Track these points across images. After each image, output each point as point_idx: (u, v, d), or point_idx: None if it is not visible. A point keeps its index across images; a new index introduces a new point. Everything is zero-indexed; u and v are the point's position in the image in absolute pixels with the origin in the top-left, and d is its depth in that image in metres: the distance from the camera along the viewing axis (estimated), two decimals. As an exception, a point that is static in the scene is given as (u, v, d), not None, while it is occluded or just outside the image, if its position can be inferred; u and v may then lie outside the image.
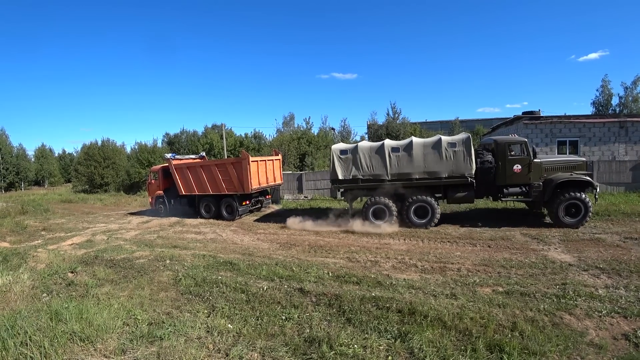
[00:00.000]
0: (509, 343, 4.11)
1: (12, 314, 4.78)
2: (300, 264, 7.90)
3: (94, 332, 4.13)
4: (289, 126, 46.76)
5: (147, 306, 5.88)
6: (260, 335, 4.61)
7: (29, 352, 3.66)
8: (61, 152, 71.33)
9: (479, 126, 46.36)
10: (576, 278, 6.64)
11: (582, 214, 10.83)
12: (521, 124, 21.01)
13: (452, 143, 11.69)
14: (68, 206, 28.80)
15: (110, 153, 40.32)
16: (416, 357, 3.94)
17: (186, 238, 12.46)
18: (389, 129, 35.70)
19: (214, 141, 39.23)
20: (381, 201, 12.27)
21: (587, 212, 10.80)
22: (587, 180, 11.05)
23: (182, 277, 7.40)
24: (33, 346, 3.73)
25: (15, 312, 4.90)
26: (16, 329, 4.09)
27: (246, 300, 5.98)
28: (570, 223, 10.89)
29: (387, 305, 5.27)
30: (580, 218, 10.86)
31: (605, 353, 4.13)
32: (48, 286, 7.00)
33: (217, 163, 16.63)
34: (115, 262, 9.18)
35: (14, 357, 3.63)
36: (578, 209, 10.85)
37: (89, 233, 14.50)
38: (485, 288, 6.15)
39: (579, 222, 10.87)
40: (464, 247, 9.37)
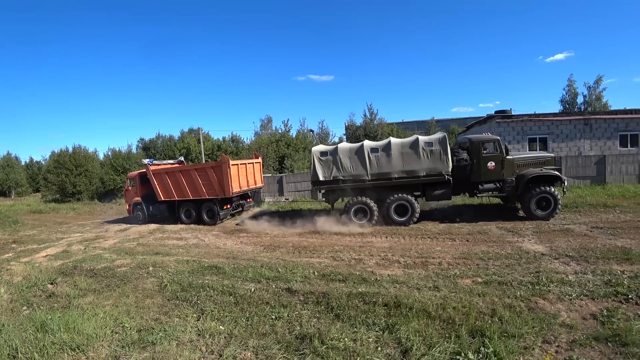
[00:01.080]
0: (489, 328, 4.36)
1: None
2: (286, 265, 7.99)
3: (84, 341, 4.09)
4: (267, 129, 46.61)
5: (134, 314, 5.83)
6: (251, 335, 4.68)
7: None
8: (28, 160, 68.10)
9: (454, 125, 47.65)
10: (548, 266, 7.04)
11: (552, 206, 11.42)
12: (494, 123, 21.87)
13: (429, 142, 12.06)
14: (39, 217, 27.64)
15: (82, 160, 38.84)
16: (404, 346, 4.13)
17: (168, 244, 12.28)
18: (366, 129, 36.22)
19: (191, 145, 38.66)
20: (362, 201, 12.55)
21: (557, 205, 11.39)
22: (556, 175, 11.63)
23: (168, 283, 7.33)
24: (23, 358, 3.67)
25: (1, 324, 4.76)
26: (1, 342, 4.00)
27: (234, 302, 6.02)
28: (541, 216, 11.44)
29: (374, 300, 5.45)
30: (550, 211, 11.44)
31: (576, 332, 4.43)
32: (27, 299, 6.79)
33: (197, 167, 16.42)
34: (95, 271, 8.97)
35: None
36: (548, 202, 11.43)
37: (64, 243, 14.03)
38: (465, 279, 6.43)
39: (549, 214, 11.44)
40: (444, 242, 9.70)
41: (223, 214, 15.83)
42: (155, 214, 17.65)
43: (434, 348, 3.99)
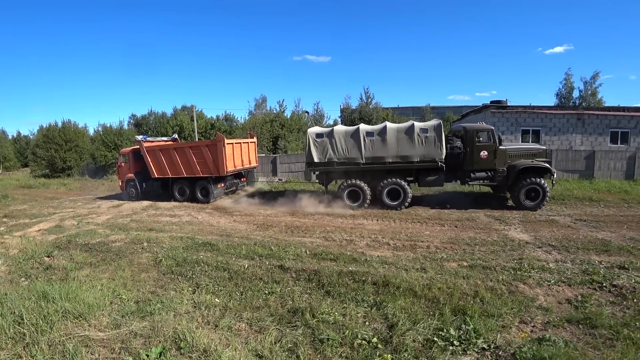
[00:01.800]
0: (471, 307, 4.64)
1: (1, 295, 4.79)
2: (279, 244, 8.21)
3: (86, 310, 4.25)
4: (261, 108, 46.23)
5: (130, 286, 6.00)
6: (245, 308, 4.91)
7: (25, 329, 3.75)
8: (16, 134, 66.80)
9: (450, 113, 47.72)
10: (531, 254, 7.34)
11: (540, 198, 11.74)
12: (489, 113, 22.04)
13: (424, 129, 12.21)
14: (28, 192, 27.38)
15: (72, 135, 38.16)
16: (390, 321, 4.38)
17: (161, 221, 12.39)
18: (362, 113, 36.16)
19: (184, 123, 38.25)
20: (355, 183, 12.75)
21: (545, 196, 11.72)
22: (546, 167, 11.90)
23: (163, 258, 7.50)
24: (29, 324, 3.82)
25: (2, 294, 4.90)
26: (5, 310, 4.15)
27: (229, 277, 6.24)
28: (529, 206, 11.76)
29: (363, 279, 5.71)
30: (538, 202, 11.77)
31: (551, 314, 4.73)
32: (25, 271, 6.91)
33: (192, 145, 16.40)
34: (90, 246, 9.10)
35: (10, 336, 3.71)
36: (537, 193, 11.74)
37: (57, 219, 14.04)
38: (451, 263, 6.71)
39: (537, 205, 11.77)
40: (433, 227, 9.98)
41: (217, 193, 15.89)
42: (149, 191, 17.64)
43: (418, 324, 4.25)
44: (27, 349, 3.49)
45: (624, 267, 6.32)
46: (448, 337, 3.99)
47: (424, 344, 3.91)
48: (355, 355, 3.69)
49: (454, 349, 3.78)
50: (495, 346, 3.85)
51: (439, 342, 3.89)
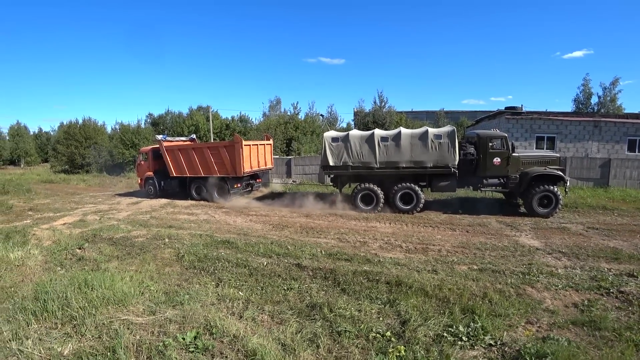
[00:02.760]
0: (479, 307, 4.90)
1: (42, 282, 5.26)
2: (295, 243, 8.55)
3: (123, 297, 4.67)
4: (275, 110, 46.76)
5: (156, 279, 6.40)
6: (267, 301, 5.26)
7: (74, 312, 4.18)
8: (37, 130, 68.80)
9: (464, 118, 47.45)
10: (541, 260, 7.51)
11: (553, 205, 11.80)
12: (503, 119, 22.01)
13: (437, 135, 12.42)
14: (50, 186, 28.36)
15: (91, 133, 39.37)
16: (403, 318, 4.67)
17: (179, 219, 12.86)
18: (375, 117, 36.30)
19: (200, 123, 38.95)
20: (369, 187, 13.02)
21: (558, 203, 11.78)
22: (559, 174, 11.96)
23: (185, 254, 7.91)
24: (76, 307, 4.25)
25: (45, 280, 5.37)
26: (53, 294, 4.59)
27: (249, 274, 6.60)
28: (542, 213, 11.84)
29: (377, 278, 6.01)
30: (551, 209, 11.83)
31: (557, 316, 4.95)
32: (60, 261, 7.43)
33: (210, 146, 16.91)
34: (115, 240, 9.58)
35: (59, 318, 4.15)
36: (550, 200, 11.80)
37: (80, 213, 14.65)
38: (462, 266, 6.95)
39: (549, 212, 11.84)
40: (445, 231, 10.20)
41: (233, 193, 16.32)
42: (167, 189, 18.19)
43: (429, 320, 4.54)
44: (76, 329, 3.90)
45: (633, 275, 6.45)
46: (457, 333, 4.26)
47: (435, 338, 4.19)
48: (371, 346, 4.00)
49: (462, 344, 4.06)
50: (502, 343, 4.11)
51: (448, 337, 4.17)
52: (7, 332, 3.90)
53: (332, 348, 3.97)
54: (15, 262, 6.81)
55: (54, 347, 3.63)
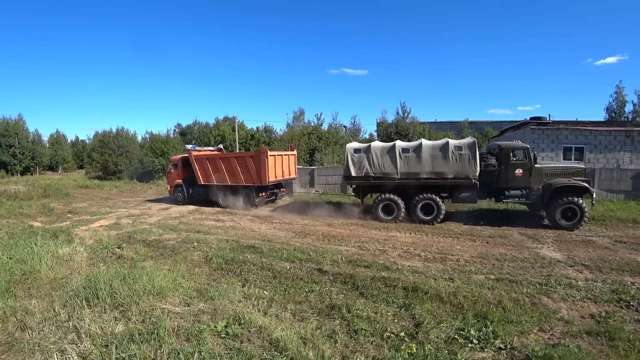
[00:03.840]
0: (492, 314, 5.08)
1: (92, 274, 5.90)
2: (316, 250, 8.91)
3: (161, 290, 5.19)
4: (299, 121, 47.71)
5: (187, 278, 6.90)
6: (289, 301, 5.65)
7: (120, 299, 4.73)
8: (74, 138, 73.05)
9: (489, 128, 46.78)
10: (561, 272, 7.49)
11: (577, 217, 11.56)
12: (528, 129, 21.69)
13: (458, 146, 12.56)
14: (85, 191, 30.05)
15: (124, 141, 41.47)
16: (417, 320, 4.93)
17: (207, 224, 13.49)
18: (398, 127, 36.38)
19: (226, 133, 40.19)
20: (390, 198, 13.25)
21: (583, 216, 11.53)
22: (584, 186, 11.76)
23: (213, 257, 8.42)
24: (123, 295, 4.80)
25: (93, 273, 5.99)
26: (102, 284, 5.17)
27: (272, 276, 7.02)
28: (566, 226, 11.63)
29: (394, 284, 6.27)
30: (576, 221, 11.59)
31: (571, 326, 5.03)
32: (102, 258, 8.16)
33: (237, 156, 17.76)
34: (148, 242, 10.25)
35: (108, 304, 4.72)
36: (574, 212, 11.59)
37: (114, 217, 15.59)
38: (479, 275, 7.08)
39: (574, 225, 11.60)
40: (464, 242, 10.28)
41: (258, 201, 16.91)
42: (195, 196, 19.00)
43: (442, 324, 4.77)
44: (123, 313, 4.46)
45: (657, 289, 6.39)
46: (468, 336, 4.48)
47: (446, 340, 4.43)
48: (385, 344, 4.28)
49: (472, 346, 4.27)
50: (512, 347, 4.29)
51: (459, 340, 4.39)
52: (63, 314, 4.53)
53: (348, 343, 4.30)
54: (64, 258, 7.57)
55: (106, 326, 4.20)
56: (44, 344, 3.95)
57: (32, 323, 4.54)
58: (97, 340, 3.90)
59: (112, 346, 3.69)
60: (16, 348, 4.11)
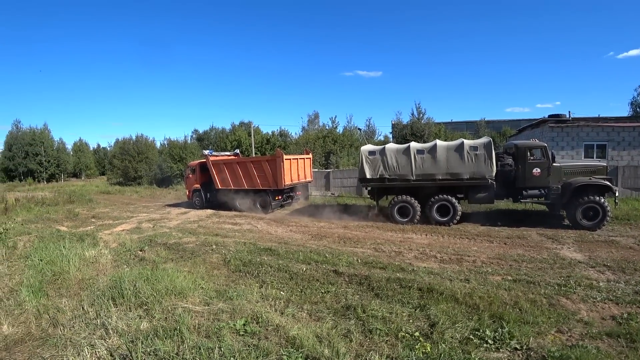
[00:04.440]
0: (508, 314, 5.06)
1: (117, 274, 6.20)
2: (332, 252, 9.00)
3: (182, 291, 5.42)
4: (314, 124, 47.98)
5: (207, 279, 7.10)
6: (305, 302, 5.77)
7: (144, 299, 4.97)
8: (96, 146, 75.55)
9: (506, 127, 45.99)
10: (582, 273, 7.35)
11: (600, 217, 11.25)
12: (547, 127, 21.22)
13: (474, 146, 12.46)
14: (107, 197, 31.01)
15: (143, 148, 42.61)
16: (432, 321, 4.96)
17: (224, 228, 13.77)
18: (413, 129, 36.14)
19: (242, 138, 40.80)
20: (406, 199, 13.24)
21: (605, 215, 11.21)
22: (605, 184, 11.46)
23: (231, 259, 8.62)
24: (147, 294, 5.05)
25: (118, 274, 6.28)
26: (127, 284, 5.43)
27: (289, 277, 7.16)
28: (587, 225, 11.34)
29: (409, 285, 6.31)
30: (598, 221, 11.28)
31: (591, 328, 4.96)
32: (126, 260, 8.50)
33: (253, 160, 18.07)
34: (168, 245, 10.56)
35: (133, 302, 4.96)
36: (596, 212, 11.28)
37: (135, 221, 16.08)
38: (495, 276, 7.04)
39: (596, 225, 11.30)
40: (481, 243, 10.19)
41: (274, 204, 17.15)
42: (212, 200, 19.43)
43: (457, 324, 4.79)
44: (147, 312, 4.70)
45: (684, 291, 6.22)
46: (483, 336, 4.49)
47: (461, 340, 4.45)
48: (399, 344, 4.34)
49: (487, 347, 4.29)
50: (528, 347, 4.28)
51: (474, 340, 4.41)
52: (91, 312, 4.82)
53: (363, 342, 4.39)
54: (90, 260, 7.95)
55: (131, 323, 4.45)
56: (76, 339, 4.21)
57: (63, 320, 4.84)
58: (124, 336, 4.14)
59: (138, 341, 3.90)
60: (50, 343, 4.38)
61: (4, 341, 4.58)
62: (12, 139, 54.15)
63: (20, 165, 52.95)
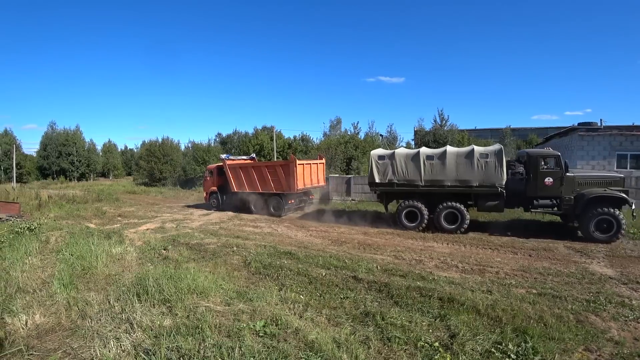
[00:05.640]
0: (532, 329, 4.90)
1: (142, 272, 6.41)
2: (352, 258, 8.98)
3: (203, 290, 5.55)
4: (336, 130, 47.99)
5: (227, 280, 7.21)
6: (324, 306, 5.77)
7: (167, 296, 5.12)
8: (123, 147, 78.21)
9: (533, 135, 44.75)
10: (612, 289, 7.03)
11: (614, 229, 10.91)
12: (576, 136, 20.46)
13: (484, 154, 12.29)
14: (133, 197, 32.01)
15: (169, 150, 43.82)
16: (452, 332, 4.86)
17: (245, 230, 13.96)
18: (436, 135, 35.68)
19: (264, 142, 41.32)
20: (414, 204, 13.21)
21: (620, 228, 10.86)
22: (620, 196, 11.09)
23: (251, 261, 8.74)
24: (169, 292, 5.20)
25: (143, 272, 6.49)
26: (151, 281, 5.62)
27: (308, 282, 7.19)
28: (601, 238, 11.00)
29: (429, 294, 6.22)
30: (612, 234, 10.94)
31: (622, 348, 4.72)
32: (150, 258, 8.77)
33: (267, 165, 18.72)
34: (191, 245, 10.80)
35: (157, 299, 5.12)
36: (610, 224, 10.94)
37: (159, 221, 16.53)
38: (519, 289, 6.83)
39: (610, 237, 10.95)
40: (505, 254, 9.92)
41: (287, 208, 17.62)
42: (228, 202, 20.11)
43: (478, 336, 4.67)
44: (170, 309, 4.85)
45: None
46: (506, 350, 4.36)
47: (482, 353, 4.33)
48: (418, 353, 4.28)
49: (510, 360, 4.16)
50: (553, 364, 4.14)
51: (496, 354, 4.29)
52: (117, 306, 5.01)
53: (381, 350, 4.34)
54: (117, 257, 8.27)
55: (155, 319, 4.61)
56: (102, 332, 4.39)
57: (91, 313, 5.05)
58: (148, 331, 4.28)
59: (162, 337, 4.03)
60: (78, 334, 4.59)
61: (36, 330, 4.82)
62: (47, 139, 56.84)
63: (54, 164, 55.44)
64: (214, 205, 20.47)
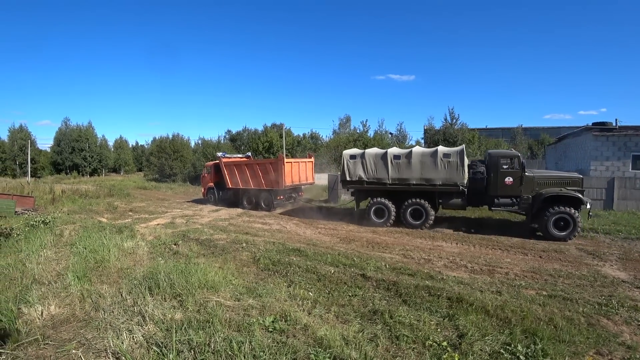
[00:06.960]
0: (542, 331, 4.85)
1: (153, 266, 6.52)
2: (360, 256, 8.99)
3: (214, 285, 5.63)
4: (345, 127, 47.90)
5: (237, 276, 7.29)
6: (332, 304, 5.79)
7: (178, 290, 5.21)
8: (134, 143, 79.27)
9: (545, 134, 44.19)
10: (625, 293, 6.93)
11: (571, 227, 11.31)
12: (590, 136, 20.11)
13: (447, 154, 12.82)
14: (144, 192, 32.47)
15: (179, 146, 44.30)
16: (460, 332, 4.85)
17: (254, 227, 14.06)
18: (446, 134, 35.40)
19: (274, 140, 41.50)
20: (381, 202, 13.82)
21: (576, 226, 11.27)
22: (575, 196, 11.47)
23: (260, 257, 8.80)
24: (180, 287, 5.29)
25: (154, 266, 6.61)
26: (162, 275, 5.72)
27: (317, 279, 7.22)
28: (559, 236, 11.36)
29: (438, 293, 6.20)
30: (569, 232, 11.34)
31: (635, 352, 4.65)
32: (160, 253, 8.90)
33: (259, 162, 19.66)
34: (200, 241, 10.91)
35: (168, 293, 5.21)
36: (567, 222, 11.33)
37: (169, 216, 16.75)
38: (529, 290, 6.77)
39: (567, 235, 11.34)
40: (515, 255, 9.84)
41: (277, 203, 18.68)
42: (224, 198, 21.05)
43: (487, 337, 4.65)
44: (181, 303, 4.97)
45: None
46: (515, 352, 4.33)
47: (491, 354, 4.32)
48: (426, 352, 4.29)
49: (519, 362, 4.14)
50: (563, 366, 4.10)
51: (505, 355, 4.27)
52: (129, 299, 5.13)
53: (389, 348, 4.36)
54: (128, 251, 8.43)
55: (166, 313, 4.72)
56: (115, 324, 4.50)
57: (104, 305, 5.17)
58: (159, 324, 4.36)
59: (173, 330, 4.11)
60: (92, 325, 4.71)
61: (52, 320, 4.95)
62: (61, 135, 57.92)
63: (67, 160, 56.46)
64: (210, 200, 21.64)
